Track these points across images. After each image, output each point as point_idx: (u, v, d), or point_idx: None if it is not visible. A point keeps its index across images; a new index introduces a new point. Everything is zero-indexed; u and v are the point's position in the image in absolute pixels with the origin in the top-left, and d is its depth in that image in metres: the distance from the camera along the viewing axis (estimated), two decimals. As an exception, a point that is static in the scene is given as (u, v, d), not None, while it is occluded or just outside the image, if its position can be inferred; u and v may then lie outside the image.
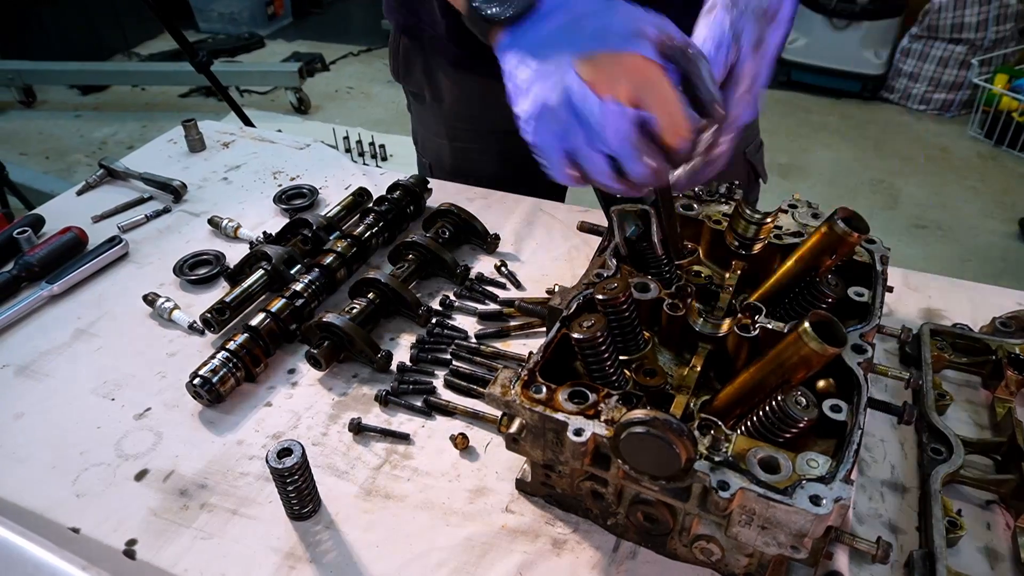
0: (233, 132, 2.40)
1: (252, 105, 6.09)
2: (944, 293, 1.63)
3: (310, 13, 8.20)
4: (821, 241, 1.20)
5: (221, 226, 1.89)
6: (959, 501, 1.20)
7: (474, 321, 1.61)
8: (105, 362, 1.52)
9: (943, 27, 5.76)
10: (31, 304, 1.65)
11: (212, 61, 3.74)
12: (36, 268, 1.72)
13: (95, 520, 1.20)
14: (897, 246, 4.45)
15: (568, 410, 1.04)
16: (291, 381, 1.47)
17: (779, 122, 5.84)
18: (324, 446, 1.33)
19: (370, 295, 1.57)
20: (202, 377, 1.38)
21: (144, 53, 7.18)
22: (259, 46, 7.39)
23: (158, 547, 1.16)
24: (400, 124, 5.73)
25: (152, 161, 2.22)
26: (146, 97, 6.46)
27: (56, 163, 5.46)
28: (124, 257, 1.82)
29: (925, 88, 6.00)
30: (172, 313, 1.60)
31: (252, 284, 1.62)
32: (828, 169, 5.32)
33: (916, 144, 5.62)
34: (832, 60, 6.11)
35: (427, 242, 1.69)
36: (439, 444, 1.33)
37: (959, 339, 1.42)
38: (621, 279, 1.20)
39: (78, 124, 6.02)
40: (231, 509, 1.22)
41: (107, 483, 1.27)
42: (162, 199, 2.05)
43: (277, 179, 2.15)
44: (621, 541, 1.16)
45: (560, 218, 1.92)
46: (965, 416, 1.35)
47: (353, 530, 1.19)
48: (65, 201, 2.08)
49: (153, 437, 1.35)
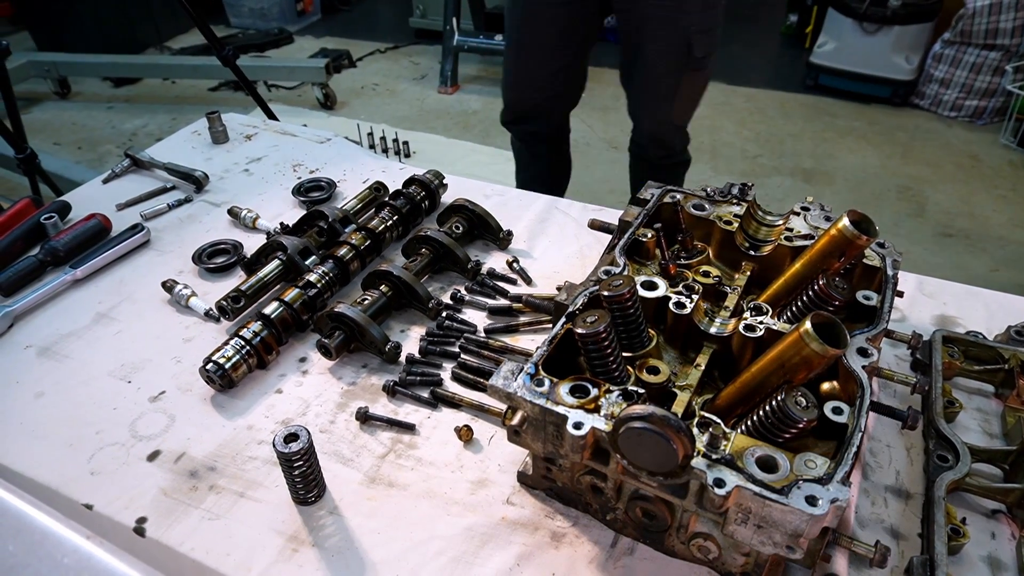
0: (256, 125, 2.44)
1: (279, 100, 6.16)
2: (960, 300, 1.61)
3: (338, 10, 8.27)
4: (829, 243, 1.19)
5: (240, 216, 1.92)
6: (964, 509, 1.18)
7: (484, 316, 1.62)
8: (123, 345, 1.56)
9: (977, 32, 5.64)
10: (55, 288, 1.69)
11: (238, 55, 3.79)
12: (61, 253, 1.77)
13: (107, 497, 1.24)
14: (923, 255, 4.38)
15: (569, 404, 1.04)
16: (302, 369, 1.50)
17: (804, 126, 5.77)
18: (331, 433, 1.35)
19: (382, 287, 1.59)
20: (215, 363, 1.41)
21: (176, 47, 7.29)
22: (288, 42, 7.47)
23: (167, 526, 1.19)
24: (424, 121, 5.77)
25: (176, 151, 2.27)
26: (176, 90, 6.56)
27: (87, 153, 5.57)
28: (146, 244, 1.86)
29: (957, 94, 5.89)
30: (189, 300, 1.64)
31: (267, 274, 1.65)
32: (853, 175, 5.25)
33: (945, 151, 5.52)
34: (861, 65, 6.01)
35: (440, 236, 1.70)
36: (444, 435, 1.34)
37: (972, 347, 1.41)
38: (627, 277, 1.20)
39: (110, 116, 6.14)
40: (238, 492, 1.25)
41: (121, 462, 1.30)
42: (184, 189, 2.09)
43: (297, 172, 2.18)
44: (620, 536, 1.17)
45: (574, 216, 1.93)
46: (975, 424, 1.34)
47: (356, 516, 1.21)
48: (91, 189, 2.13)
49: (166, 419, 1.39)
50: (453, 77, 6.18)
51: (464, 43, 6.01)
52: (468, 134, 5.54)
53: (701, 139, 4.56)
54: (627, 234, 1.39)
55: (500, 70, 6.44)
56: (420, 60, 6.93)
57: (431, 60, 6.78)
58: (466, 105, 6.02)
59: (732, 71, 6.33)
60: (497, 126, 5.62)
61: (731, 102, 6.05)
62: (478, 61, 6.72)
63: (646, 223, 1.42)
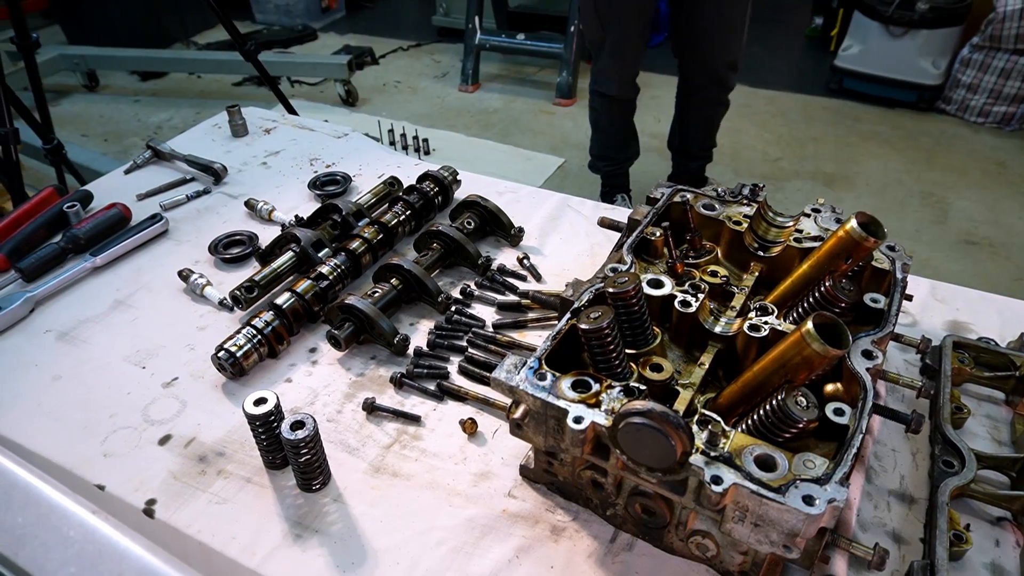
0: (275, 119, 2.48)
1: (302, 96, 6.23)
2: (973, 306, 1.59)
3: (363, 7, 8.34)
4: (837, 245, 1.19)
5: (256, 208, 1.95)
6: (968, 516, 1.17)
7: (493, 311, 1.63)
8: (139, 332, 1.59)
9: (1007, 37, 5.55)
10: (75, 275, 1.73)
11: (260, 50, 3.84)
12: (82, 241, 1.81)
13: (119, 479, 1.27)
14: (944, 262, 4.32)
15: (570, 398, 1.05)
16: (311, 360, 1.52)
17: (827, 130, 5.71)
18: (338, 423, 1.37)
19: (393, 280, 1.61)
20: (227, 351, 1.44)
21: (202, 42, 7.40)
22: (312, 38, 7.55)
23: (175, 508, 1.22)
24: (444, 119, 5.79)
25: (197, 144, 2.31)
26: (201, 85, 6.66)
27: (113, 145, 5.67)
28: (164, 234, 1.90)
29: (984, 100, 5.79)
30: (204, 289, 1.67)
31: (281, 265, 1.67)
32: (876, 180, 5.18)
33: (971, 157, 5.43)
34: (887, 69, 5.93)
35: (451, 232, 1.72)
36: (448, 428, 1.36)
37: (983, 353, 1.39)
38: (632, 274, 1.21)
39: (136, 109, 6.24)
40: (245, 477, 1.27)
41: (133, 445, 1.33)
42: (203, 180, 2.13)
43: (314, 166, 2.21)
44: (619, 532, 1.17)
45: (586, 214, 1.93)
46: (983, 431, 1.32)
47: (359, 504, 1.22)
48: (113, 179, 2.18)
49: (178, 405, 1.41)
50: (474, 76, 6.20)
51: (486, 42, 6.03)
52: (487, 132, 5.56)
53: (722, 141, 4.53)
54: (635, 232, 1.39)
55: (520, 69, 6.49)
56: (442, 58, 6.97)
57: (453, 58, 6.81)
58: (486, 104, 6.04)
59: (754, 73, 6.28)
60: (517, 124, 5.66)
61: (752, 104, 6.01)
62: (499, 60, 6.74)
63: (655, 222, 1.42)
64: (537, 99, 6.06)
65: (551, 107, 5.92)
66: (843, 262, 1.20)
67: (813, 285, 1.24)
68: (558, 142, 5.38)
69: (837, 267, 1.21)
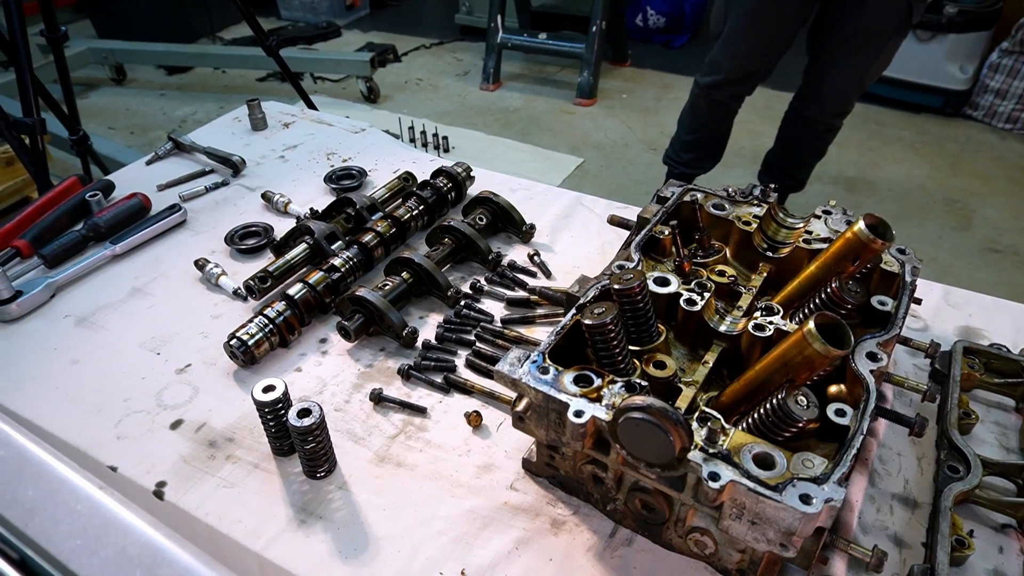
0: (294, 114, 2.51)
1: (324, 92, 6.29)
2: (987, 312, 1.57)
3: (386, 5, 8.40)
4: (844, 246, 1.19)
5: (273, 201, 1.98)
6: (972, 522, 1.17)
7: (502, 306, 1.65)
8: (155, 319, 1.63)
9: (1038, 43, 5.45)
10: (95, 262, 1.77)
11: (282, 46, 3.90)
12: (103, 229, 1.85)
13: (131, 461, 1.30)
14: (966, 270, 4.26)
15: (572, 392, 1.06)
16: (321, 350, 1.54)
17: (849, 134, 5.64)
18: (345, 412, 1.39)
19: (404, 274, 1.63)
20: (239, 339, 1.46)
21: (227, 38, 7.50)
22: (336, 35, 7.62)
23: (185, 491, 1.25)
24: (464, 117, 5.82)
25: (217, 137, 2.35)
26: (225, 80, 6.75)
27: (139, 138, 5.77)
28: (182, 224, 1.94)
29: (1013, 106, 5.69)
30: (219, 279, 1.70)
31: (294, 256, 1.70)
32: (898, 185, 5.12)
33: (998, 164, 5.34)
34: (913, 73, 5.85)
35: (463, 227, 1.73)
36: (454, 420, 1.37)
37: (994, 359, 1.38)
38: (638, 271, 1.21)
39: (162, 102, 6.35)
40: (253, 463, 1.30)
41: (145, 429, 1.36)
42: (222, 172, 2.16)
43: (330, 160, 2.23)
44: (619, 528, 1.18)
45: (598, 212, 1.94)
46: (991, 437, 1.31)
47: (364, 492, 1.24)
48: (135, 169, 2.22)
49: (190, 391, 1.44)
50: (496, 74, 6.22)
51: (508, 40, 6.05)
52: (508, 131, 5.57)
53: (742, 144, 4.51)
54: (644, 231, 1.40)
55: (542, 68, 6.49)
56: (464, 56, 6.99)
57: (474, 57, 6.83)
58: (507, 102, 6.05)
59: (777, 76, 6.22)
60: (536, 123, 5.67)
61: (774, 107, 5.94)
62: (521, 59, 6.75)
63: (663, 220, 1.43)
64: (558, 99, 6.06)
65: (571, 107, 5.92)
66: (850, 264, 1.19)
67: (820, 286, 1.23)
68: (577, 142, 5.38)
69: (844, 268, 1.20)
